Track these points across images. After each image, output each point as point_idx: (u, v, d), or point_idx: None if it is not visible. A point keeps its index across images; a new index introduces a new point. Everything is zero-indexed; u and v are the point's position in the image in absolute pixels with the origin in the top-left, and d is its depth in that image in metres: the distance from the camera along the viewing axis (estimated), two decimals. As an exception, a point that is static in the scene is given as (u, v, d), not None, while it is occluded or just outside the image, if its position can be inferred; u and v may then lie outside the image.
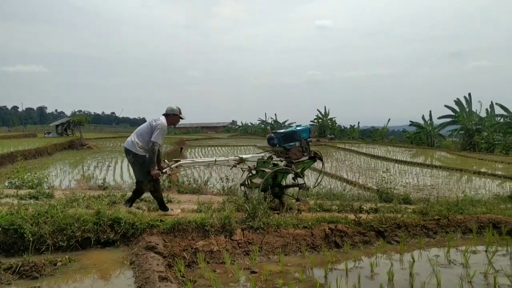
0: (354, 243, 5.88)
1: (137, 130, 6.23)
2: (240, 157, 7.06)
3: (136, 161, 6.05)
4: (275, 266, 5.03)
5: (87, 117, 37.35)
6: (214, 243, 5.31)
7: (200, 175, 16.24)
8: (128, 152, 6.12)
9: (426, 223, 6.47)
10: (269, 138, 7.31)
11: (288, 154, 7.06)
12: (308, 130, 7.38)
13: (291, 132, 7.21)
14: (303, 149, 7.16)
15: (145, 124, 6.28)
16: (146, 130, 6.09)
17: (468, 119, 35.47)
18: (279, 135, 7.16)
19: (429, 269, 4.89)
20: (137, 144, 6.00)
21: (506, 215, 6.88)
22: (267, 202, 6.37)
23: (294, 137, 7.15)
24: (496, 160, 24.20)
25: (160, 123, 6.01)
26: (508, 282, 4.46)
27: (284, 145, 7.10)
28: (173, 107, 6.32)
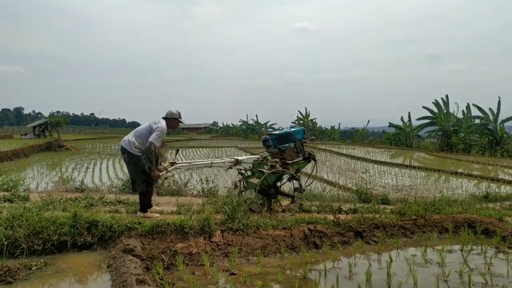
0: (333, 244, 5.92)
1: (136, 130, 6.25)
2: (236, 159, 7.15)
3: (131, 160, 6.05)
4: (254, 268, 5.03)
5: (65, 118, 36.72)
6: (193, 245, 5.28)
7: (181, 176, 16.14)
8: (123, 151, 6.11)
9: (403, 223, 6.57)
10: (264, 139, 7.47)
11: (283, 155, 7.20)
12: (302, 132, 7.53)
13: (286, 133, 7.33)
14: (297, 150, 7.30)
15: (144, 125, 6.28)
16: (145, 131, 6.12)
17: (445, 121, 36.12)
18: (274, 136, 7.32)
19: (406, 269, 4.95)
20: (134, 143, 6.01)
21: (481, 215, 7.03)
22: (247, 204, 6.39)
23: (289, 138, 7.28)
24: (473, 160, 24.70)
25: (160, 126, 6.05)
26: (482, 280, 4.56)
27: (279, 146, 7.24)
28: (173, 111, 6.37)
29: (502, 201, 10.15)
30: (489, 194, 10.73)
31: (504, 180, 16.17)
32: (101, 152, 25.28)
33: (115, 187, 9.17)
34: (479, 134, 33.36)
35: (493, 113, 31.96)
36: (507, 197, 10.77)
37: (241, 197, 7.04)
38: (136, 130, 6.25)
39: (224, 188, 10.57)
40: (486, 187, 13.81)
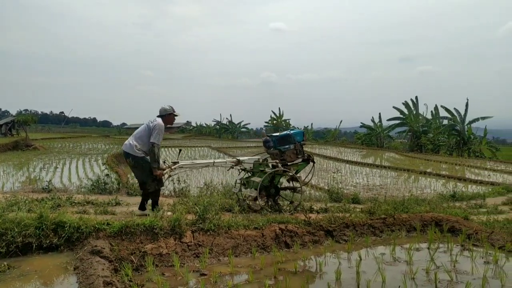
0: (304, 243, 5.96)
1: (135, 133, 6.33)
2: (238, 159, 7.38)
3: (136, 163, 6.18)
4: (225, 268, 5.01)
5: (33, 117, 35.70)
6: (163, 246, 5.22)
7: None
8: (127, 155, 6.20)
9: (373, 222, 6.66)
10: (265, 141, 7.57)
11: (283, 156, 7.36)
12: (302, 134, 7.72)
13: (286, 135, 7.52)
14: (297, 151, 7.46)
15: (142, 127, 6.36)
16: (144, 132, 6.22)
17: (415, 121, 36.93)
18: (275, 138, 7.48)
19: (375, 267, 5.02)
20: (135, 146, 6.13)
21: (447, 214, 7.20)
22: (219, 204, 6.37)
23: (289, 140, 7.46)
24: (441, 160, 25.32)
25: (158, 124, 6.19)
26: (448, 278, 4.66)
27: (279, 148, 7.40)
28: (165, 107, 6.48)
29: (468, 200, 10.45)
30: (456, 194, 11.04)
31: (471, 180, 16.64)
32: (70, 152, 24.73)
33: (84, 187, 9.00)
34: (447, 134, 34.27)
35: (460, 115, 32.84)
36: (473, 196, 11.09)
37: (240, 197, 7.31)
38: (135, 133, 6.32)
39: (196, 188, 10.50)
40: (454, 187, 14.18)
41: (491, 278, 4.70)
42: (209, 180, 10.69)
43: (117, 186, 8.84)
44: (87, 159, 20.35)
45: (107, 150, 24.76)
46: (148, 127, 6.23)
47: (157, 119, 6.31)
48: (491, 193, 12.12)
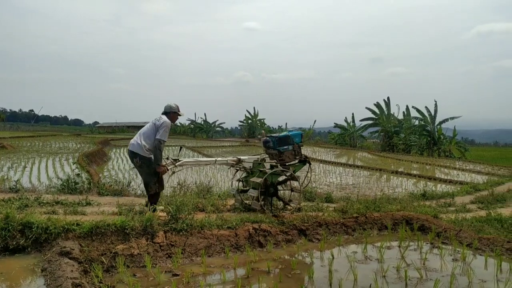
0: (277, 242, 5.97)
1: (142, 132, 6.29)
2: (238, 158, 7.44)
3: (144, 163, 6.17)
4: (198, 268, 4.97)
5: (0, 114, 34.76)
6: (134, 246, 5.14)
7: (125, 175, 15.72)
8: (134, 155, 6.17)
9: (345, 221, 6.73)
10: (265, 141, 7.64)
11: (281, 157, 7.44)
12: (300, 135, 7.83)
13: (285, 136, 7.61)
14: (295, 152, 7.57)
15: (148, 125, 6.35)
16: (150, 131, 6.22)
17: (387, 122, 37.55)
18: (274, 138, 7.53)
19: (347, 266, 5.08)
20: (145, 146, 6.13)
21: (418, 212, 7.34)
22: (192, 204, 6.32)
23: (287, 141, 7.54)
24: (412, 160, 25.82)
25: (165, 122, 6.21)
26: (417, 275, 4.75)
27: (278, 148, 7.44)
28: (171, 105, 6.50)
29: (438, 199, 10.67)
30: (426, 192, 11.26)
31: (440, 179, 17.02)
32: (40, 151, 24.10)
33: (54, 187, 8.78)
34: (418, 135, 34.98)
35: (430, 115, 33.56)
36: (443, 195, 11.34)
37: (238, 196, 7.38)
38: (142, 132, 6.29)
39: (169, 188, 10.39)
40: (424, 186, 14.48)
41: (459, 275, 4.81)
42: (183, 180, 10.60)
43: (88, 186, 8.64)
44: (58, 158, 19.88)
45: (78, 149, 24.26)
46: (155, 125, 6.22)
47: (163, 117, 6.32)
48: (459, 192, 12.41)
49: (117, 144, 35.40)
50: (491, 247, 5.74)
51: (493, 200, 10.33)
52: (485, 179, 16.58)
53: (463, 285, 4.52)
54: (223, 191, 9.51)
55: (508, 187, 12.61)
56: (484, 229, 7.02)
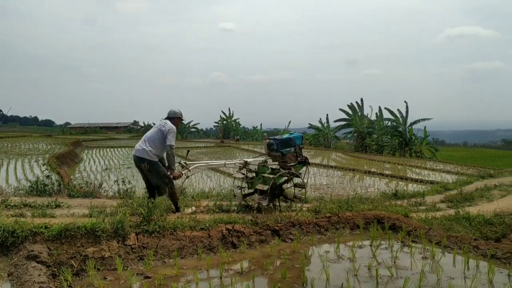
0: (250, 243, 5.96)
1: (147, 137, 6.49)
2: (245, 160, 7.77)
3: (152, 167, 6.34)
4: (170, 270, 4.92)
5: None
6: (105, 249, 5.05)
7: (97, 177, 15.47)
8: (141, 161, 6.34)
9: (318, 220, 6.78)
10: (268, 143, 7.88)
11: (284, 158, 7.73)
12: (301, 138, 8.15)
13: (288, 139, 7.90)
14: (297, 154, 7.89)
15: (153, 130, 6.57)
16: (156, 136, 6.43)
17: (360, 123, 38.10)
18: (278, 141, 7.80)
19: (320, 265, 5.11)
20: (150, 151, 6.31)
21: (389, 212, 7.46)
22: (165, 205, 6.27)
23: (289, 143, 7.84)
24: (384, 160, 26.27)
25: (171, 127, 6.45)
26: (388, 273, 4.82)
27: (281, 150, 7.72)
28: (176, 110, 6.75)
29: (409, 198, 10.87)
30: (397, 192, 11.46)
31: (412, 179, 17.37)
32: (8, 152, 23.45)
33: (22, 189, 8.55)
34: (390, 135, 35.59)
35: (402, 116, 34.19)
36: (414, 195, 11.56)
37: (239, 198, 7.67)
38: (147, 138, 6.47)
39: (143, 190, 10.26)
40: (396, 185, 14.71)
41: (428, 272, 4.91)
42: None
43: (58, 188, 8.45)
44: (27, 160, 19.40)
45: (48, 151, 23.71)
46: (161, 130, 6.41)
47: (168, 122, 6.52)
48: (430, 191, 12.67)
49: (89, 145, 34.81)
50: (459, 245, 5.88)
51: (461, 199, 10.58)
52: (454, 179, 17.00)
53: (432, 282, 4.61)
54: (197, 192, 9.47)
55: (476, 186, 12.95)
56: (453, 227, 7.18)
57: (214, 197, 8.49)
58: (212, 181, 15.26)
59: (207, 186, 12.45)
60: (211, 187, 11.28)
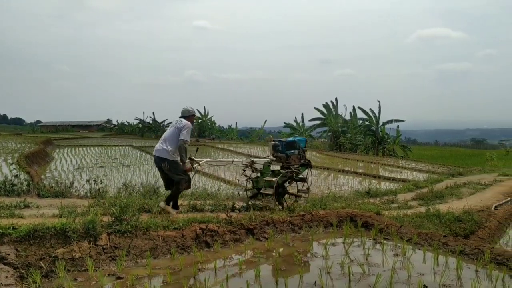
0: (224, 242, 5.95)
1: (166, 138, 6.68)
2: (252, 160, 8.20)
3: (172, 166, 6.57)
4: (143, 270, 4.87)
5: None
6: (76, 249, 4.94)
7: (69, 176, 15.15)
8: (162, 160, 6.57)
9: (292, 219, 6.82)
10: (274, 145, 8.24)
11: (288, 160, 8.07)
12: (304, 141, 8.62)
13: (292, 141, 8.31)
14: (300, 156, 8.25)
15: (170, 130, 6.76)
16: (174, 135, 6.63)
17: (334, 122, 38.49)
18: (283, 143, 8.18)
19: (294, 263, 5.14)
20: (171, 151, 6.53)
21: (362, 209, 7.56)
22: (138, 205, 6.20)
23: (294, 146, 8.23)
24: (358, 159, 26.60)
25: (187, 124, 6.66)
26: (360, 271, 4.89)
27: (286, 152, 8.08)
28: (188, 108, 6.91)
29: (382, 196, 11.04)
30: (370, 190, 11.62)
31: (384, 177, 17.65)
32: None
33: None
34: (363, 135, 36.08)
35: (375, 116, 34.71)
36: (386, 193, 11.74)
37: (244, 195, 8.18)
38: (166, 138, 6.67)
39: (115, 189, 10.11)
40: (369, 184, 14.94)
41: (399, 269, 5.00)
42: (129, 180, 10.35)
43: (27, 188, 8.25)
44: (-5, 159, 18.84)
45: (18, 149, 23.07)
46: (177, 128, 6.63)
47: (183, 120, 6.72)
48: (402, 189, 12.91)
49: (61, 144, 34.07)
50: (429, 242, 6.01)
51: (432, 197, 10.82)
52: (425, 177, 17.34)
53: (403, 278, 4.69)
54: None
55: (446, 184, 13.25)
56: (424, 224, 7.35)
57: (188, 196, 8.43)
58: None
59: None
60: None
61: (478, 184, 13.49)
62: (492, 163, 23.53)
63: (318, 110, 40.06)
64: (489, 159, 24.85)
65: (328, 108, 39.57)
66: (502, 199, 10.61)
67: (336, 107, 39.37)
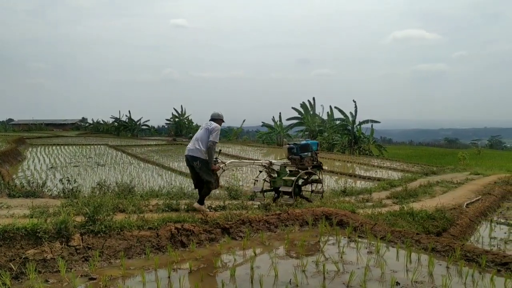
0: (200, 241, 5.92)
1: (198, 138, 7.09)
2: (270, 161, 8.88)
3: (203, 165, 6.98)
4: (117, 271, 4.80)
5: None
6: (47, 250, 4.85)
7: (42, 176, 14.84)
8: (195, 159, 6.98)
9: (268, 218, 6.83)
10: (289, 148, 8.89)
11: (302, 162, 8.65)
12: (316, 144, 9.29)
13: (306, 144, 8.93)
14: (313, 158, 8.88)
15: (201, 131, 7.18)
16: (205, 136, 7.05)
17: (312, 121, 38.74)
18: (297, 146, 8.80)
19: (269, 262, 5.16)
20: (203, 150, 6.96)
21: (337, 208, 7.63)
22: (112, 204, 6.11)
23: (307, 149, 8.83)
24: (335, 158, 26.85)
25: (216, 126, 7.11)
26: (335, 268, 4.93)
27: (300, 154, 8.68)
28: (219, 113, 7.42)
29: (357, 195, 11.18)
30: (346, 189, 11.76)
31: (360, 176, 17.87)
32: None
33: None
34: (340, 134, 36.43)
35: (352, 115, 35.09)
36: (361, 191, 11.90)
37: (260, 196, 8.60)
38: (198, 138, 7.08)
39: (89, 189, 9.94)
40: (345, 183, 15.10)
41: (373, 266, 5.06)
42: (103, 180, 10.20)
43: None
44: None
45: (-12, 148, 22.49)
46: (208, 130, 7.06)
47: (213, 123, 7.16)
48: (377, 188, 13.09)
49: (33, 143, 33.36)
50: (403, 239, 6.10)
51: (406, 195, 11.00)
52: (400, 176, 17.63)
53: (376, 276, 4.76)
54: (146, 191, 9.29)
55: (420, 183, 13.49)
56: (397, 222, 7.46)
57: (164, 195, 8.36)
58: (163, 179, 15.02)
59: (157, 185, 12.22)
60: (161, 186, 11.07)
61: (451, 182, 13.77)
62: (464, 162, 24.04)
63: (295, 109, 40.26)
64: (461, 158, 25.38)
65: (305, 108, 39.80)
66: (473, 197, 10.86)
67: (313, 107, 39.65)
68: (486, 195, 11.30)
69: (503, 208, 10.54)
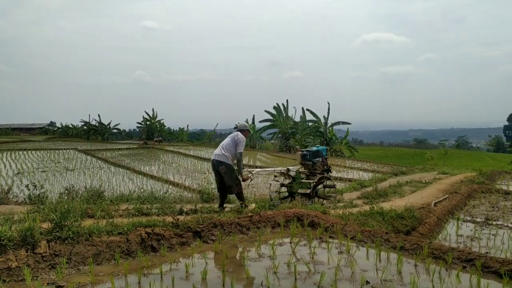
0: (171, 246, 5.85)
1: (224, 145, 7.89)
2: (288, 168, 9.72)
3: (228, 170, 7.66)
4: (85, 278, 4.70)
5: None
6: (12, 258, 4.70)
7: (8, 182, 14.40)
8: (220, 164, 7.69)
9: (240, 220, 6.82)
10: (303, 154, 9.83)
11: (314, 167, 9.63)
12: (325, 150, 10.40)
13: (317, 150, 9.97)
14: (323, 163, 9.86)
15: (228, 139, 8.00)
16: (231, 144, 7.84)
17: (284, 123, 38.96)
18: (310, 152, 9.77)
19: (241, 265, 5.16)
20: (228, 156, 7.68)
21: (308, 209, 7.68)
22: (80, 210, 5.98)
23: (318, 154, 9.85)
24: (307, 159, 27.04)
25: (242, 138, 7.91)
26: (306, 269, 4.96)
27: (312, 160, 9.66)
28: (245, 124, 8.44)
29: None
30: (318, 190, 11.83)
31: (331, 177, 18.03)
32: None
33: None
34: (312, 136, 36.76)
35: (324, 117, 35.48)
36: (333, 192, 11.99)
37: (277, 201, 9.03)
38: (224, 145, 7.85)
39: (57, 194, 9.71)
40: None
41: (344, 266, 5.12)
42: (72, 185, 9.98)
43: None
44: None
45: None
46: (234, 140, 7.84)
47: (239, 133, 7.93)
48: (348, 188, 13.25)
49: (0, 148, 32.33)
50: (372, 239, 6.19)
51: (376, 195, 11.16)
52: (370, 176, 17.89)
53: (346, 275, 4.81)
54: (116, 196, 9.14)
55: (389, 183, 13.71)
56: (368, 222, 7.57)
57: (135, 200, 8.25)
58: (134, 184, 14.81)
59: (128, 189, 12.04)
60: (131, 190, 10.91)
61: (419, 182, 14.06)
62: (432, 162, 24.60)
63: (268, 112, 40.39)
64: (429, 158, 25.98)
65: (278, 110, 39.98)
66: (441, 196, 11.12)
67: (286, 109, 39.88)
68: (453, 194, 11.57)
69: (469, 206, 10.82)
